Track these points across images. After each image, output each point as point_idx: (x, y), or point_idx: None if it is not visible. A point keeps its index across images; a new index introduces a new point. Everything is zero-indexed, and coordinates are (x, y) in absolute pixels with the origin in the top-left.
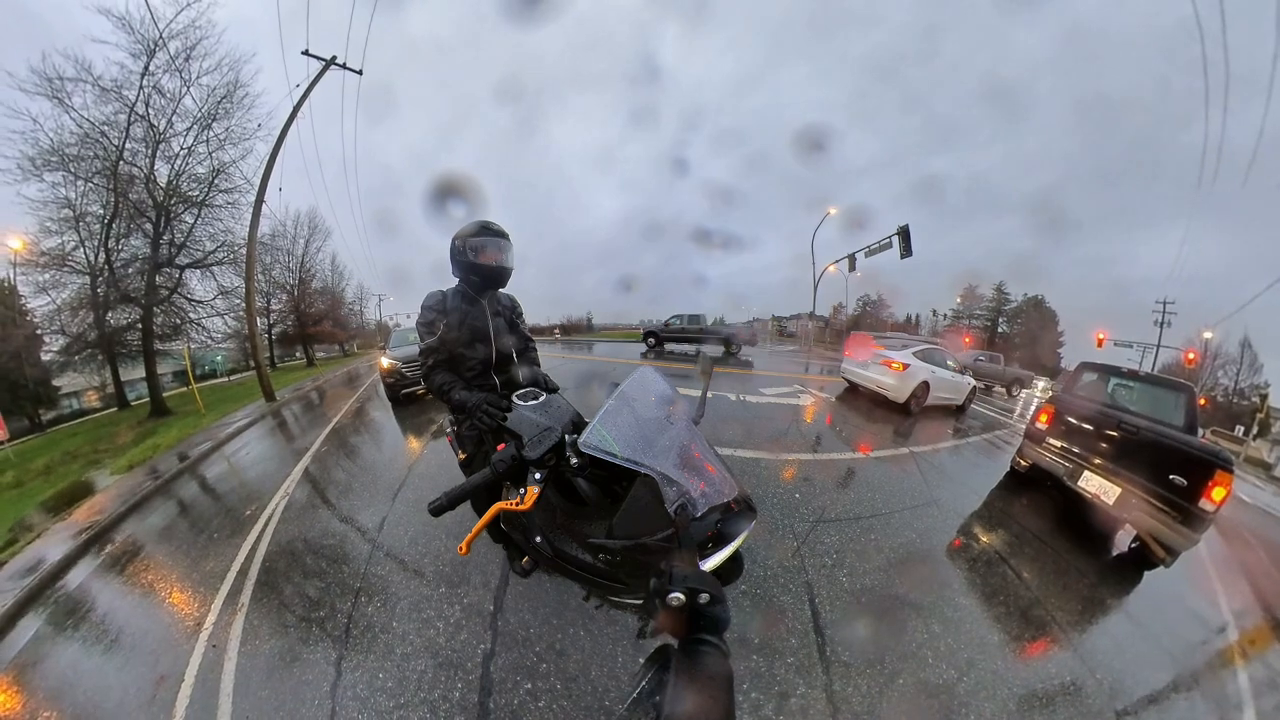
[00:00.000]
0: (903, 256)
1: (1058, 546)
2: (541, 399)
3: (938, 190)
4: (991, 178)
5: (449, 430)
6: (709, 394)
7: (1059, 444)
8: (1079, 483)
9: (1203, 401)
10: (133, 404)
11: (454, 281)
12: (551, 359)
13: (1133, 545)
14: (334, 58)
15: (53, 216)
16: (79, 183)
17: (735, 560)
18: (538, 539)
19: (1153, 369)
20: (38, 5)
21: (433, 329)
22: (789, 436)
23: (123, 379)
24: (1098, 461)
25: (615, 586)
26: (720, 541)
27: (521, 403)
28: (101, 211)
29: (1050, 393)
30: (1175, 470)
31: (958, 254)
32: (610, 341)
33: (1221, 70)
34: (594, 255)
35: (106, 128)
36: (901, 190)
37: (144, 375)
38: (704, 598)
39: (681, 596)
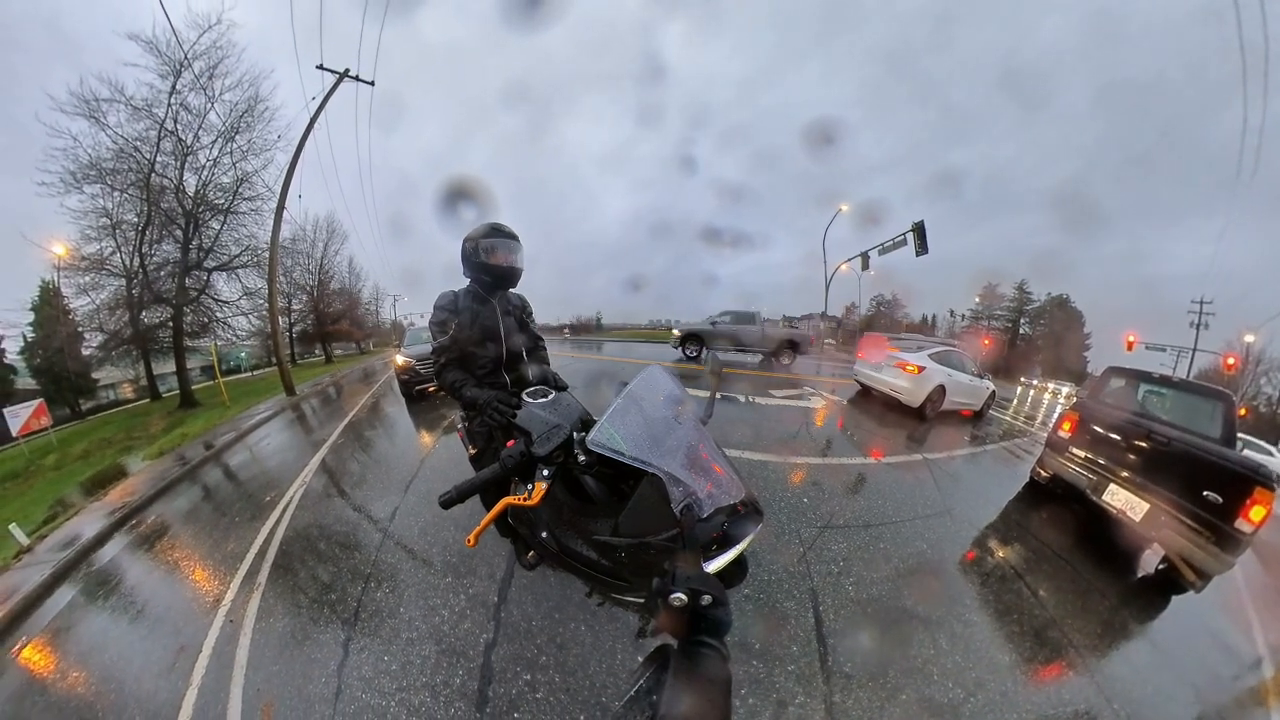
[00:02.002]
0: (918, 254)
1: (1078, 564)
2: (551, 397)
3: (955, 185)
4: (1012, 170)
5: (460, 426)
6: (718, 395)
7: (1083, 454)
8: (1103, 496)
9: (1243, 411)
10: (164, 395)
11: (465, 282)
12: (559, 357)
13: (1160, 567)
14: (346, 70)
15: (92, 225)
16: (115, 194)
17: (739, 563)
18: (544, 534)
19: (1187, 375)
20: (75, 29)
21: (445, 328)
22: (798, 439)
23: (155, 373)
24: (1125, 474)
25: (618, 584)
26: (725, 544)
27: (531, 400)
28: (136, 220)
29: (1075, 399)
30: (1210, 486)
31: (977, 251)
32: (620, 341)
33: (1260, 47)
34: (603, 255)
35: (139, 143)
36: (916, 186)
37: (174, 369)
38: (706, 600)
39: (684, 597)
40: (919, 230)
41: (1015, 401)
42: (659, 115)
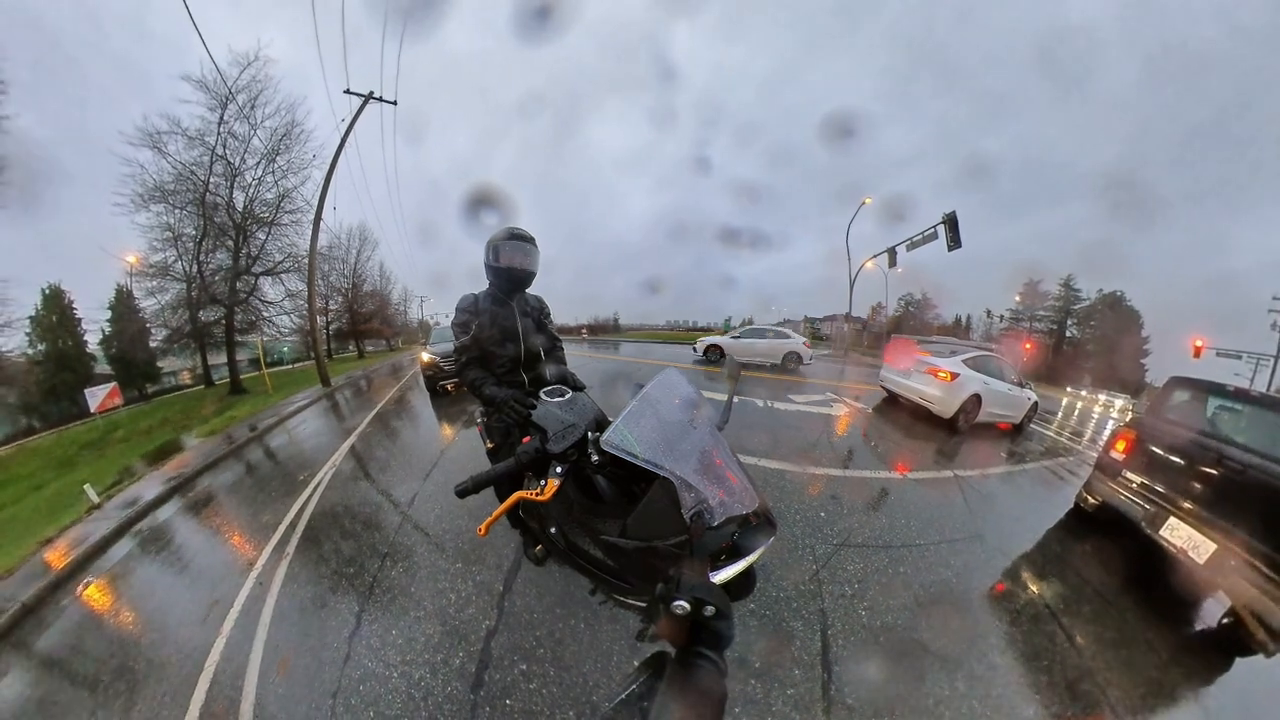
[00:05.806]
0: (950, 248)
1: (1124, 609)
2: (567, 396)
3: (989, 173)
4: (1055, 154)
5: (479, 421)
6: (735, 399)
7: (1139, 480)
8: (1161, 531)
9: None
10: (216, 383)
11: (486, 285)
12: (576, 356)
13: (1224, 620)
14: (371, 93)
15: (157, 238)
16: (176, 211)
17: (748, 576)
18: (553, 530)
19: (1268, 387)
20: (150, 67)
21: (466, 329)
22: (818, 449)
23: (209, 363)
24: (1188, 506)
25: (622, 585)
26: (735, 554)
27: (548, 399)
28: (194, 232)
29: (1131, 414)
30: None
31: (1016, 245)
32: (637, 342)
33: None
34: (622, 256)
35: (194, 168)
36: (947, 175)
37: (226, 361)
38: (709, 610)
39: (686, 606)
40: (951, 222)
41: (1060, 415)
42: (679, 117)
